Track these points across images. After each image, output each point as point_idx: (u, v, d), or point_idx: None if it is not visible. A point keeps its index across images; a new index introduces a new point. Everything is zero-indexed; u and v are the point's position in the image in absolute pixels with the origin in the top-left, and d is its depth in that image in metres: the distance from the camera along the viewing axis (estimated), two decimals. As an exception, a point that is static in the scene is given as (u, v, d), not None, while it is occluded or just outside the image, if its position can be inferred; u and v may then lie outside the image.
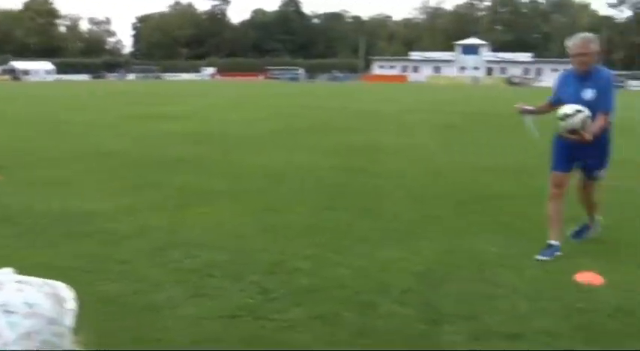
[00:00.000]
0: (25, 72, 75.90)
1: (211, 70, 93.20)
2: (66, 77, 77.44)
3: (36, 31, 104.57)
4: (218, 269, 4.51)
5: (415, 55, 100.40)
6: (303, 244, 5.21)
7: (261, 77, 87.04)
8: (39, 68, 79.36)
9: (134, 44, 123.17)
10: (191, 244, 5.11)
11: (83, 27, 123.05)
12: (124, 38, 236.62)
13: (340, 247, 5.16)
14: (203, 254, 4.85)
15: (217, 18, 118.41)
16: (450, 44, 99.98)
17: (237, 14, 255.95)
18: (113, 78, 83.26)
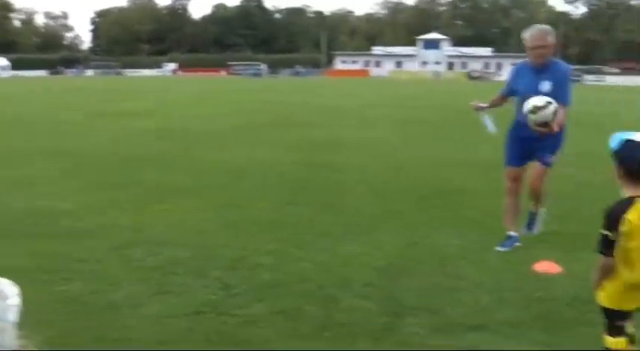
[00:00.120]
0: (-21, 68, 73.80)
1: (173, 66, 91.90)
2: (22, 73, 75.42)
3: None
4: (181, 266, 4.49)
5: (377, 50, 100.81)
6: (265, 240, 5.22)
7: (223, 73, 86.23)
8: (-7, 64, 77.22)
9: (93, 40, 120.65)
10: (153, 242, 5.07)
11: (39, 21, 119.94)
12: (83, 33, 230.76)
13: (302, 242, 5.19)
14: (165, 251, 4.82)
15: (178, 13, 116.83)
16: (412, 39, 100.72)
17: (198, 9, 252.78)
18: (71, 74, 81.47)
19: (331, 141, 12.30)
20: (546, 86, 4.79)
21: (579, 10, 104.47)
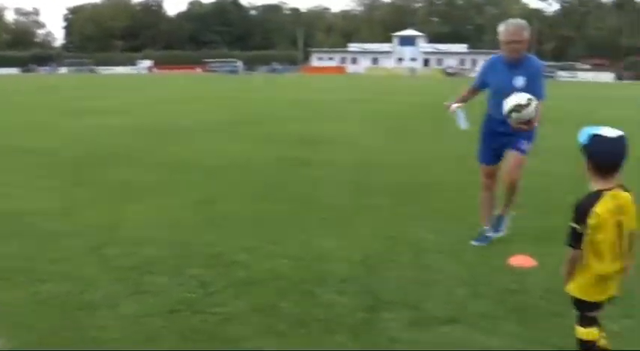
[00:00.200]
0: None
1: (148, 63, 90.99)
2: (-7, 71, 74.17)
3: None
4: (157, 265, 4.46)
5: (353, 47, 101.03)
6: (241, 236, 5.22)
7: (199, 70, 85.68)
8: (-38, 62, 75.70)
9: (66, 36, 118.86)
10: (129, 241, 5.03)
11: (9, 18, 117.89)
12: (55, 30, 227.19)
13: (278, 238, 5.19)
14: (141, 250, 4.79)
15: (152, 9, 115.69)
16: (388, 36, 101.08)
17: (173, 6, 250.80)
18: (44, 72, 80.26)
19: (307, 136, 12.31)
20: (520, 82, 4.77)
21: (552, 7, 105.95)
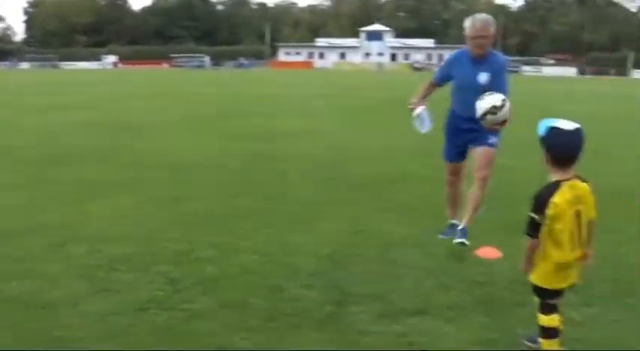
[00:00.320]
0: None
1: (113, 59, 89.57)
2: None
3: None
4: (124, 262, 4.41)
5: (321, 42, 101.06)
6: (209, 233, 5.19)
7: (165, 65, 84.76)
8: None
9: (26, 31, 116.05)
10: (94, 239, 4.96)
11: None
12: (15, 24, 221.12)
13: (246, 234, 5.18)
14: (107, 248, 4.72)
15: (117, 4, 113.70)
16: (355, 31, 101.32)
17: (138, 0, 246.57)
18: (4, 67, 78.39)
19: (275, 132, 12.29)
20: (484, 77, 4.74)
21: (517, 3, 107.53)
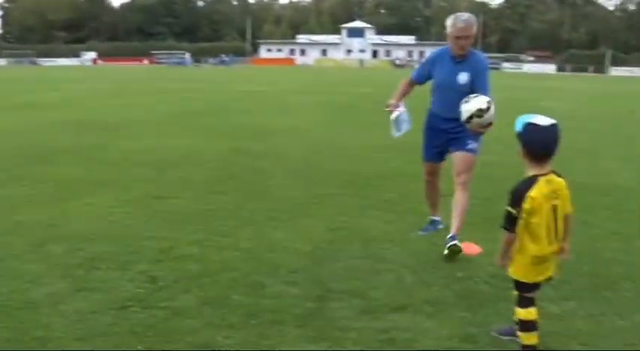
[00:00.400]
0: None
1: (93, 55, 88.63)
2: None
3: None
4: (104, 261, 4.38)
5: (302, 39, 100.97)
6: (190, 230, 5.18)
7: (146, 62, 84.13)
8: None
9: (3, 27, 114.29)
10: (74, 237, 4.92)
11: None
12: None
13: (228, 231, 5.18)
14: (87, 247, 4.69)
15: (97, 0, 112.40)
16: (337, 27, 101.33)
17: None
18: (-20, 63, 77.30)
19: (257, 128, 12.28)
20: (464, 77, 4.67)
21: (497, 0, 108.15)
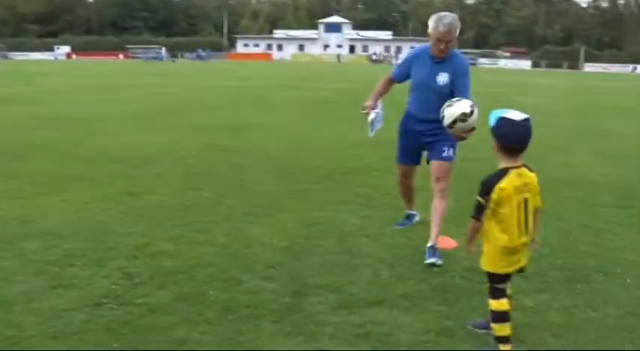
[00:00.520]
0: None
1: (67, 49, 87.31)
2: None
3: None
4: (79, 258, 4.35)
5: (279, 34, 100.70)
6: (166, 226, 5.16)
7: (121, 56, 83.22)
8: None
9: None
10: (49, 234, 4.87)
11: None
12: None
13: (204, 227, 5.17)
14: (62, 243, 4.65)
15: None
16: (314, 22, 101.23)
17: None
18: (-53, 57, 75.63)
19: (234, 124, 12.24)
20: (444, 78, 4.54)
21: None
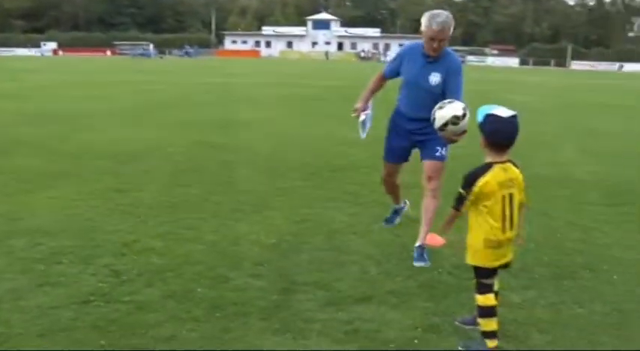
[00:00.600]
0: None
1: (53, 46, 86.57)
2: None
3: None
4: (67, 255, 4.33)
5: (267, 30, 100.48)
6: (154, 223, 5.15)
7: (108, 53, 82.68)
8: None
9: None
10: (35, 231, 4.84)
11: None
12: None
13: (192, 224, 5.17)
14: (49, 241, 4.63)
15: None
16: (302, 19, 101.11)
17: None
18: None
19: (222, 121, 12.22)
20: (436, 78, 4.42)
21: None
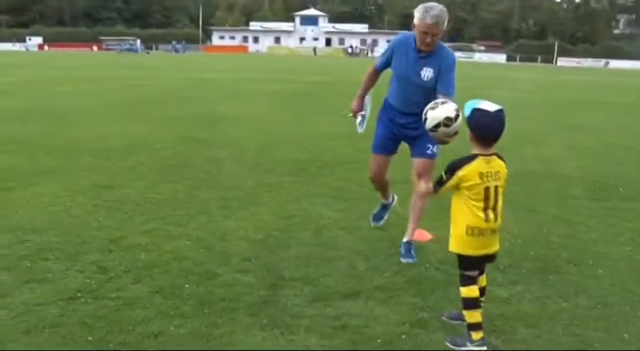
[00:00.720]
0: None
1: (39, 41, 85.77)
2: None
3: None
4: (52, 252, 4.30)
5: (255, 26, 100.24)
6: (141, 219, 5.13)
7: (95, 48, 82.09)
8: None
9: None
10: (20, 228, 4.80)
11: None
12: None
13: (179, 220, 5.15)
14: (35, 238, 4.59)
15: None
16: (290, 15, 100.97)
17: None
18: None
19: (209, 117, 12.17)
20: (429, 73, 4.29)
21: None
